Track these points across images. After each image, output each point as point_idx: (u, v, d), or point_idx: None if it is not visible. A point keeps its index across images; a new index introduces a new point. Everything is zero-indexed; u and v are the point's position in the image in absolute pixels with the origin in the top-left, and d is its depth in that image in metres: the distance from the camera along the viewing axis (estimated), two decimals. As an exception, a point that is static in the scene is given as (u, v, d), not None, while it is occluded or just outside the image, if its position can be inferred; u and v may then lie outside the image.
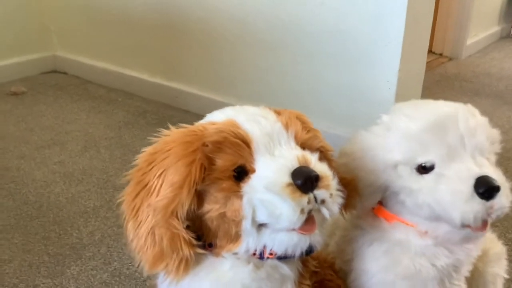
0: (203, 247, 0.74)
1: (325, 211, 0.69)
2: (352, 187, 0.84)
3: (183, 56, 2.26)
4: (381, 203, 0.89)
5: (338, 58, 1.79)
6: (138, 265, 0.73)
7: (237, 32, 2.03)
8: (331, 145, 0.83)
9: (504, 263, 1.02)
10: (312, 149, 0.75)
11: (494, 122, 0.83)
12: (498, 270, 1.00)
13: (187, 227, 0.76)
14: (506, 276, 1.02)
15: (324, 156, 0.78)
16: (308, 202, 0.66)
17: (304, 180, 0.66)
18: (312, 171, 0.67)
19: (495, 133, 0.84)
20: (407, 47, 1.64)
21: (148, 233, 0.70)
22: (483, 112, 0.82)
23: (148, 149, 0.73)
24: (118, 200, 0.74)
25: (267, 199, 0.66)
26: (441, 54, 3.37)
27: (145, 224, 0.70)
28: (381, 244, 0.87)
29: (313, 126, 0.81)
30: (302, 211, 0.66)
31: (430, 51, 3.37)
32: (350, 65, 1.77)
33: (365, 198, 0.85)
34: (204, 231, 0.74)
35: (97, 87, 2.58)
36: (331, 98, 1.84)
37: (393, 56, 1.65)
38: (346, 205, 0.84)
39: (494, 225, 1.05)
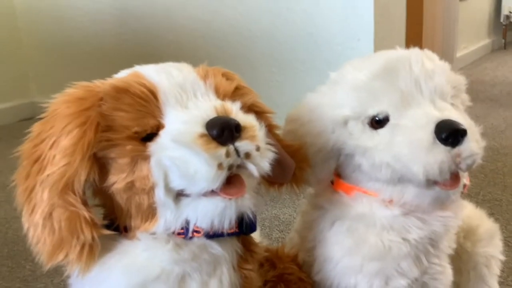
0: (118, 232, 0.62)
1: (251, 167, 0.56)
2: (301, 156, 0.72)
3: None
4: (339, 176, 0.76)
5: (312, 62, 1.70)
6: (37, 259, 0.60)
7: (210, 50, 1.95)
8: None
9: (498, 243, 0.88)
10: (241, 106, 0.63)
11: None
12: (491, 251, 0.85)
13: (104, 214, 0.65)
14: (502, 258, 0.87)
15: (260, 118, 0.65)
16: (228, 156, 0.54)
17: (221, 129, 0.54)
18: (231, 119, 0.56)
19: (460, 79, 0.72)
20: (379, 41, 1.54)
21: (45, 218, 0.57)
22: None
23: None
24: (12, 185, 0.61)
25: (177, 155, 0.54)
26: (431, 69, 3.27)
27: (40, 208, 0.57)
28: (342, 222, 0.74)
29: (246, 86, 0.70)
30: (220, 166, 0.54)
31: (420, 67, 3.28)
32: (324, 68, 1.67)
33: (318, 168, 0.73)
34: (116, 212, 0.62)
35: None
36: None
37: (366, 52, 1.55)
38: (297, 179, 0.73)
39: (495, 218, 0.91)
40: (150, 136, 0.58)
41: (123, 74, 0.63)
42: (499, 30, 3.88)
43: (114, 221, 0.63)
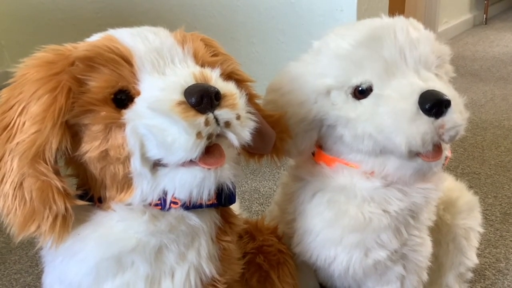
0: (92, 202, 0.60)
1: (231, 136, 0.54)
2: (281, 127, 0.70)
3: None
4: (320, 147, 0.75)
5: (293, 33, 1.67)
6: (9, 231, 0.57)
7: (187, 19, 1.90)
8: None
9: (477, 215, 0.88)
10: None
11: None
12: (470, 223, 0.85)
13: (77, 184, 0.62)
14: (481, 230, 0.87)
15: (240, 87, 0.63)
16: (207, 124, 0.52)
17: (200, 97, 0.51)
18: (210, 86, 0.53)
19: (444, 48, 0.70)
20: (362, 12, 1.52)
21: (15, 188, 0.54)
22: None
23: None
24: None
25: (154, 123, 0.52)
26: (413, 43, 3.26)
27: (10, 177, 0.54)
28: (323, 194, 0.73)
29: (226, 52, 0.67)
30: (199, 135, 0.51)
31: (401, 41, 3.26)
32: (306, 40, 1.64)
33: (299, 139, 0.71)
34: (90, 182, 0.59)
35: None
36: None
37: (349, 21, 1.53)
38: (278, 150, 0.71)
39: (473, 191, 0.90)
40: (125, 103, 0.55)
41: (95, 38, 0.59)
42: (481, 5, 3.87)
43: (88, 192, 0.60)
